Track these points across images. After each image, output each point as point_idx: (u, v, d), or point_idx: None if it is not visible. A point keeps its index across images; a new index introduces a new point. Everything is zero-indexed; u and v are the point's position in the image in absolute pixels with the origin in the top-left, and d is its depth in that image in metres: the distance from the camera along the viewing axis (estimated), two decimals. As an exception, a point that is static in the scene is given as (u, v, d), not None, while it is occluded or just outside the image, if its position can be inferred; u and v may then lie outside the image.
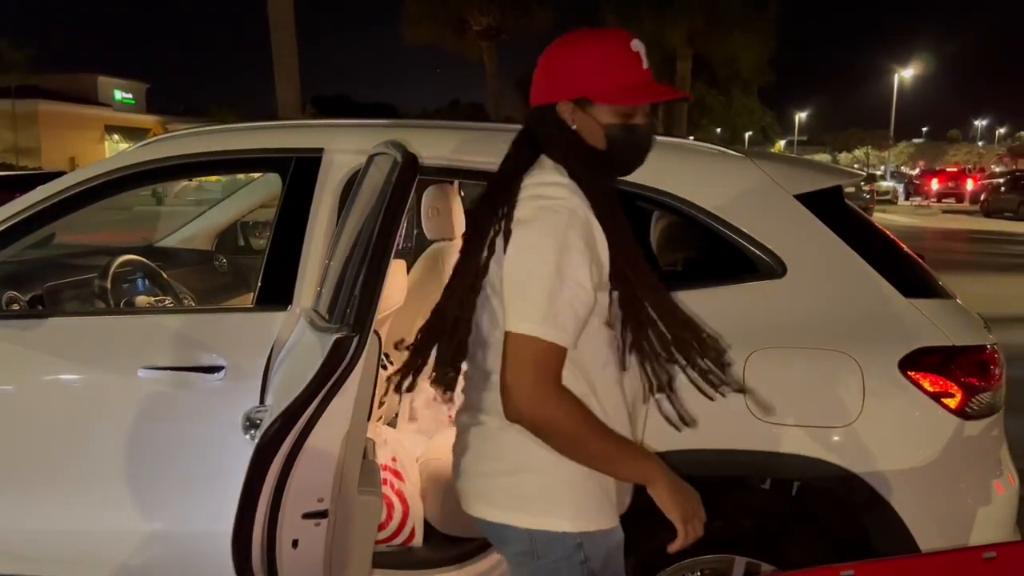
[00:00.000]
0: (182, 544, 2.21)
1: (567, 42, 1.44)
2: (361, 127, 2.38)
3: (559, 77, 1.43)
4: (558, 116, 1.43)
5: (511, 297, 1.35)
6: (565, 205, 1.36)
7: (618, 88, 1.41)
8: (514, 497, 1.47)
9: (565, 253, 1.32)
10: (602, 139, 1.43)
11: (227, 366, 2.14)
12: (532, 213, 1.37)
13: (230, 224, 3.90)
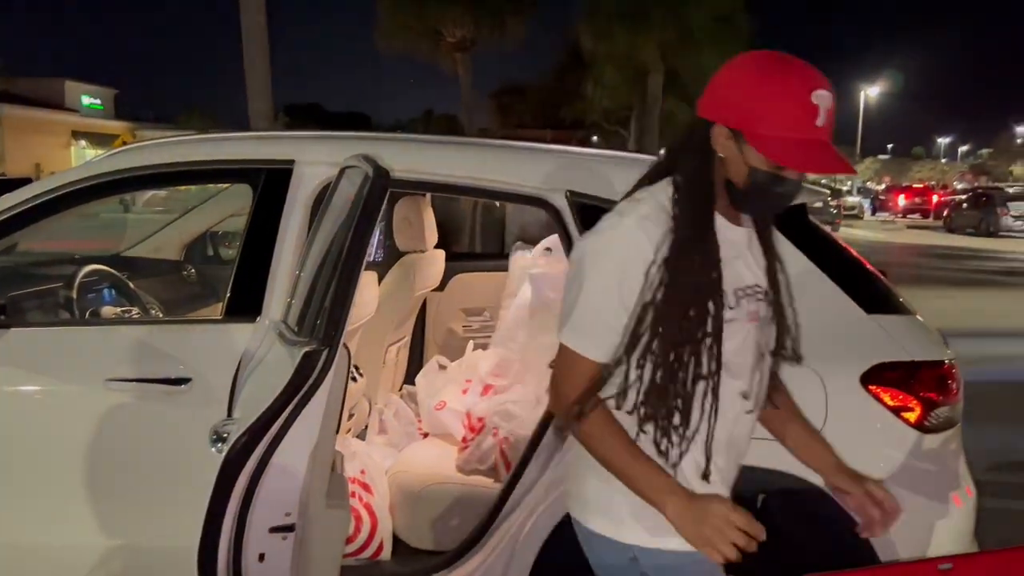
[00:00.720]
0: (146, 559, 2.18)
1: (751, 66, 1.33)
2: (332, 139, 2.38)
3: (728, 100, 1.33)
4: (709, 136, 1.35)
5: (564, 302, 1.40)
6: (622, 221, 1.35)
7: (780, 141, 1.29)
8: (576, 497, 1.52)
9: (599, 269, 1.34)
10: (744, 178, 1.34)
11: (194, 378, 2.12)
12: (595, 227, 1.39)
13: (199, 234, 3.87)
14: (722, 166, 1.35)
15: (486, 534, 2.17)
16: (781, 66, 1.31)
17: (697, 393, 1.35)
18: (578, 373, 1.37)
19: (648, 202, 1.37)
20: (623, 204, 1.41)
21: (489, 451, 2.69)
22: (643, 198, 1.38)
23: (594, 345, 1.35)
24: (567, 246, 2.20)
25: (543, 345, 3.12)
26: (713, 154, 1.35)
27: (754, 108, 1.29)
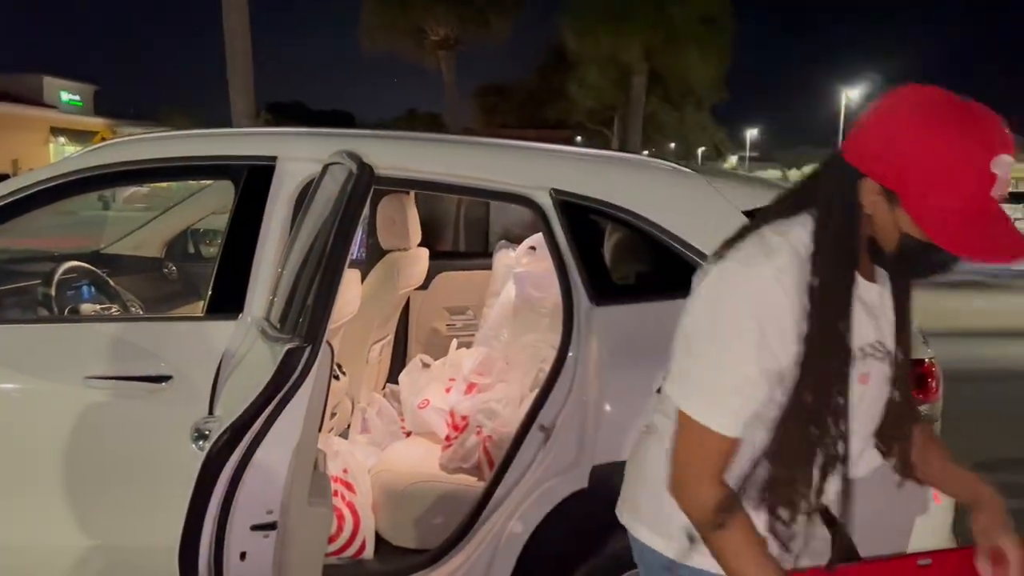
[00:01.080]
0: (128, 558, 2.16)
1: (920, 116, 1.09)
2: (316, 135, 2.37)
3: (885, 153, 1.10)
4: (857, 188, 1.14)
5: (679, 360, 1.22)
6: (760, 273, 1.15)
7: (945, 215, 1.08)
8: (628, 504, 1.46)
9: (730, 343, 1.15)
10: (893, 242, 1.16)
11: (175, 376, 2.11)
12: (723, 270, 1.19)
13: (180, 231, 3.84)
14: (868, 222, 1.16)
15: (469, 532, 2.17)
16: (959, 121, 1.08)
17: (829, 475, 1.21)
18: (710, 453, 1.18)
19: (784, 253, 1.16)
20: (754, 247, 1.19)
21: (472, 449, 2.69)
22: (778, 247, 1.17)
23: (731, 419, 1.17)
24: (551, 245, 2.20)
25: (526, 343, 3.13)
26: (860, 208, 1.15)
27: (917, 170, 1.08)
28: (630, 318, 2.10)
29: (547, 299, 3.18)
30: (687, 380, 1.20)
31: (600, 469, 2.02)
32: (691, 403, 1.19)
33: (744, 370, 1.15)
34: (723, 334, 1.16)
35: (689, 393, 1.19)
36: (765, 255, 1.17)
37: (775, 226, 1.22)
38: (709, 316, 1.18)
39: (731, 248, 1.22)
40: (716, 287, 1.18)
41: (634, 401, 2.03)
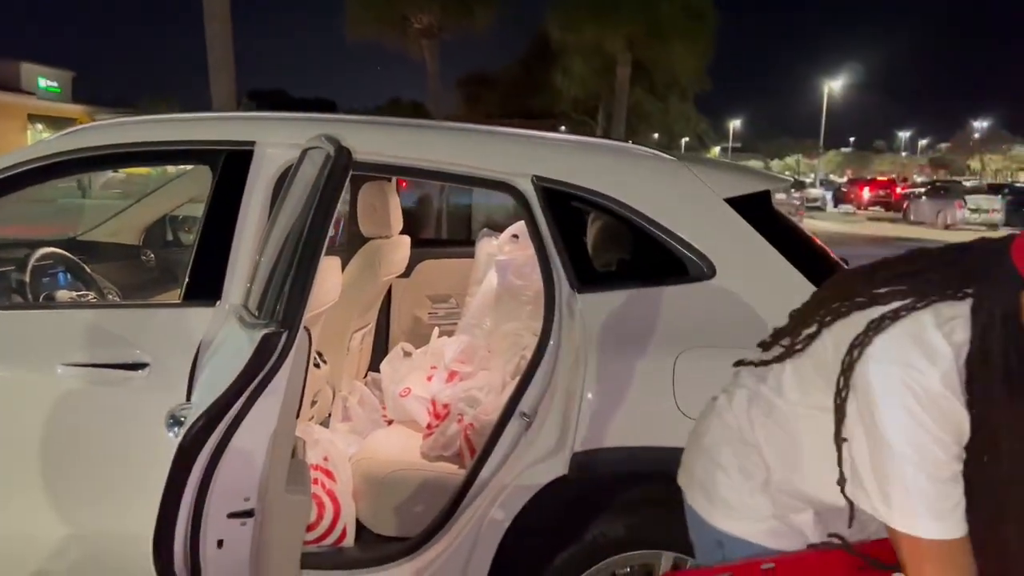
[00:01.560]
0: (102, 547, 2.13)
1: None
2: (295, 120, 2.34)
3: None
4: (1016, 300, 1.11)
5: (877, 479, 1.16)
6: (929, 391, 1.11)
7: None
8: (686, 470, 1.55)
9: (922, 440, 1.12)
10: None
11: (152, 363, 2.08)
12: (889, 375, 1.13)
13: (158, 218, 3.79)
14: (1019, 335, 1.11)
15: (450, 520, 2.16)
16: None
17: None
18: (957, 559, 1.13)
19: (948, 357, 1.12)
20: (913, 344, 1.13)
21: (454, 437, 2.68)
22: (943, 351, 1.12)
23: (957, 518, 1.13)
24: (533, 232, 2.19)
25: (508, 331, 3.12)
26: (1019, 320, 1.11)
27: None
28: (612, 305, 2.09)
29: (529, 287, 3.17)
30: (896, 492, 1.14)
31: (581, 456, 2.02)
32: (919, 523, 1.12)
33: (946, 470, 1.13)
34: (916, 441, 1.12)
35: (898, 505, 1.14)
36: (930, 360, 1.12)
37: (934, 314, 1.15)
38: (894, 424, 1.13)
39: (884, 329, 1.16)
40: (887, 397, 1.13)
41: (615, 388, 2.03)
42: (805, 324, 1.34)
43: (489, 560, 2.10)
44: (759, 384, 1.44)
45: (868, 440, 1.16)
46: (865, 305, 1.22)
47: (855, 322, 1.21)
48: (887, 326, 1.16)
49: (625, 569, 2.15)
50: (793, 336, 1.37)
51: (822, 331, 1.30)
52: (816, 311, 1.33)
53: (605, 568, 2.10)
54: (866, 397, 1.15)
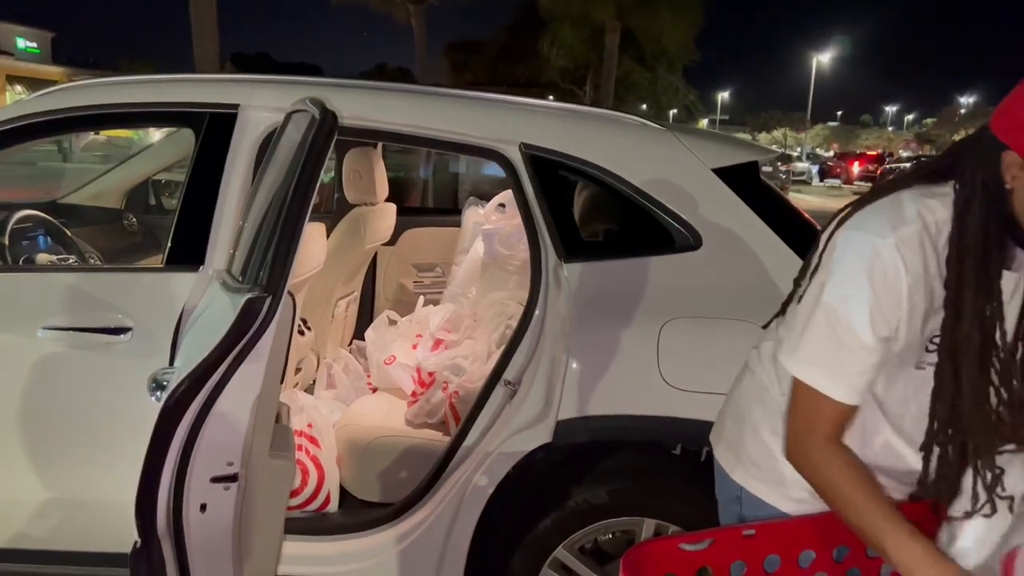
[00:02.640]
0: (84, 512, 2.14)
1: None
2: (280, 83, 2.30)
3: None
4: (998, 161, 1.15)
5: (796, 326, 1.25)
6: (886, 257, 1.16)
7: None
8: (717, 425, 1.57)
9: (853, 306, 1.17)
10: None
11: (134, 328, 2.07)
12: (847, 237, 1.20)
13: (141, 182, 3.74)
14: (1008, 197, 1.16)
15: (434, 486, 2.17)
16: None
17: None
18: (828, 419, 1.22)
19: (912, 226, 1.17)
20: (884, 213, 1.20)
21: (439, 405, 2.69)
22: (911, 219, 1.18)
23: (849, 387, 1.21)
24: (520, 200, 2.17)
25: (494, 300, 3.12)
26: (1002, 184, 1.16)
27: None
28: (598, 275, 2.09)
29: (515, 257, 3.17)
30: (805, 348, 1.23)
31: (565, 424, 2.03)
32: (810, 372, 1.22)
33: (861, 337, 1.18)
34: (842, 299, 1.18)
35: (806, 360, 1.23)
36: (891, 225, 1.18)
37: (916, 192, 1.22)
38: (829, 282, 1.20)
39: (864, 206, 1.24)
40: (839, 253, 1.20)
41: (600, 357, 2.03)
42: (808, 264, 1.36)
43: (472, 526, 2.12)
44: (780, 334, 1.42)
45: (808, 297, 1.24)
46: (856, 208, 1.27)
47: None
48: (868, 201, 1.24)
49: (607, 535, 2.18)
50: (798, 280, 1.38)
51: (821, 260, 1.31)
52: (816, 250, 1.35)
53: (587, 534, 2.13)
54: (827, 259, 1.23)
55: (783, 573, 1.29)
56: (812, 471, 1.24)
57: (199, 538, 1.53)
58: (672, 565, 1.23)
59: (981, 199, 1.17)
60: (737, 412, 1.49)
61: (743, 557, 1.27)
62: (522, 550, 2.12)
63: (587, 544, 2.17)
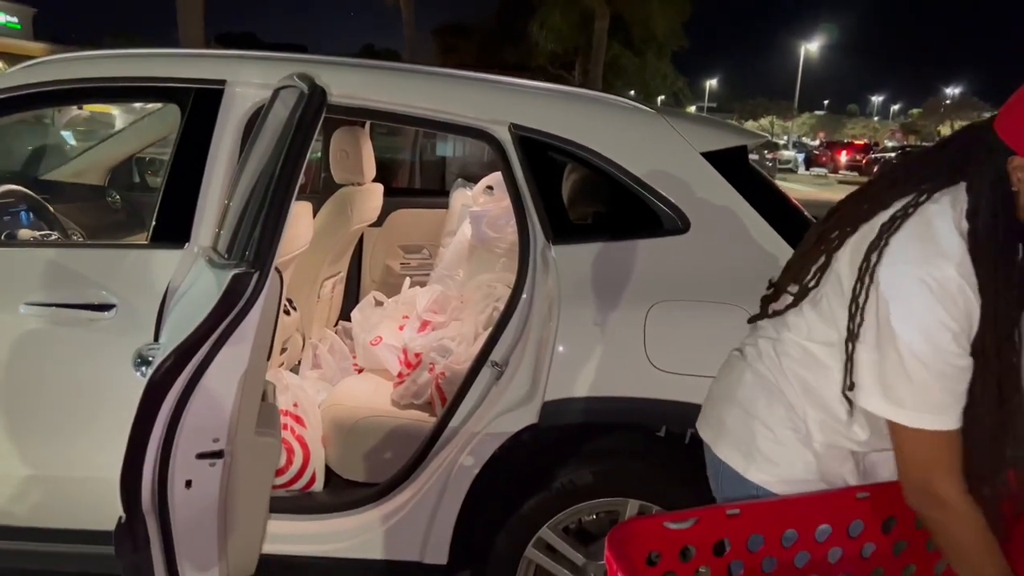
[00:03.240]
0: (68, 489, 2.12)
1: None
2: (267, 60, 2.27)
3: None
4: (1004, 166, 1.19)
5: (886, 378, 1.22)
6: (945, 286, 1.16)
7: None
8: (714, 424, 1.51)
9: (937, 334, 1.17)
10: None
11: (118, 304, 2.05)
12: (902, 274, 1.19)
13: (125, 159, 3.70)
14: (1015, 200, 1.20)
15: (420, 466, 2.18)
16: None
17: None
18: (950, 450, 1.21)
19: (958, 248, 1.18)
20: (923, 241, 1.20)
21: (425, 386, 2.69)
22: (951, 244, 1.18)
23: (955, 412, 1.20)
24: (509, 181, 2.17)
25: (481, 282, 3.12)
26: (1009, 187, 1.19)
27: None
28: (586, 257, 2.09)
29: (503, 239, 3.16)
30: (907, 396, 1.20)
31: (551, 405, 2.04)
32: (918, 416, 1.20)
33: (958, 363, 1.19)
34: (926, 337, 1.17)
35: (912, 407, 1.20)
36: (942, 255, 1.18)
37: (941, 206, 1.22)
38: (909, 323, 1.18)
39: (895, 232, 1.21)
40: (901, 292, 1.18)
41: (587, 339, 2.03)
42: (812, 261, 1.36)
43: (458, 506, 2.13)
44: (782, 332, 1.43)
45: (882, 341, 1.21)
46: (870, 214, 1.28)
47: (865, 234, 1.27)
48: (899, 225, 1.22)
49: (591, 516, 2.19)
50: (801, 278, 1.38)
51: (832, 259, 1.33)
52: (819, 246, 1.36)
53: (572, 514, 2.14)
54: (884, 298, 1.20)
55: (767, 552, 1.30)
56: (940, 510, 1.21)
57: (184, 514, 1.53)
58: (657, 543, 1.24)
59: (989, 200, 1.19)
60: (743, 409, 1.45)
61: (727, 536, 1.29)
62: (507, 530, 2.13)
63: (571, 524, 2.19)
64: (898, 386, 1.20)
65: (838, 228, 1.34)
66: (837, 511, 1.33)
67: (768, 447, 1.40)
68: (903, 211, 1.23)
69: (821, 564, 1.33)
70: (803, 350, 1.38)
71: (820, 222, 1.43)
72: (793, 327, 1.41)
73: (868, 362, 1.24)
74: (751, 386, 1.45)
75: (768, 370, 1.43)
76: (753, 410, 1.43)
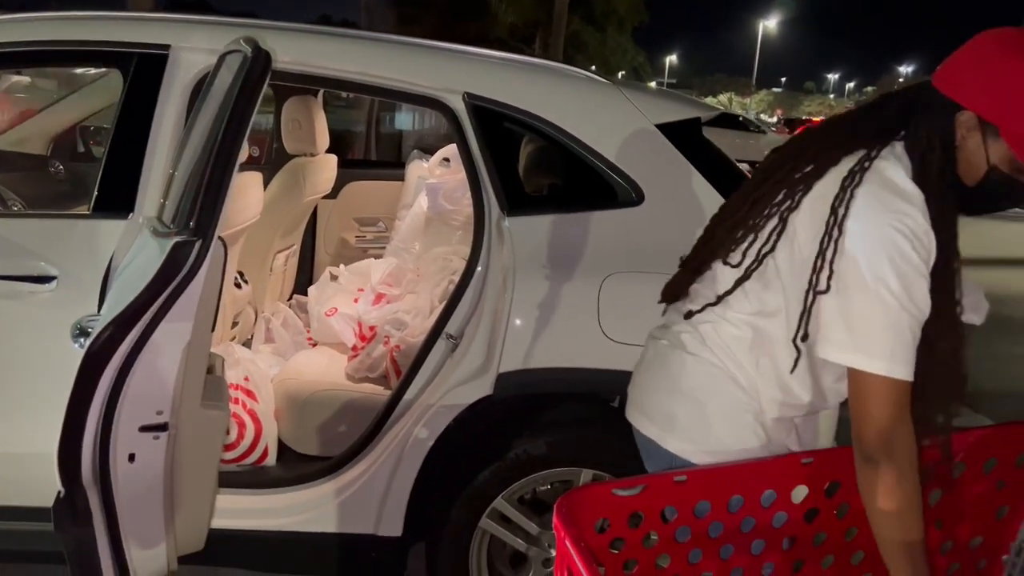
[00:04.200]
0: (7, 466, 2.07)
1: (1019, 51, 1.19)
2: (214, 24, 2.21)
3: (991, 85, 1.19)
4: (952, 123, 1.22)
5: (856, 328, 1.20)
6: (916, 231, 1.19)
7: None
8: (637, 406, 1.49)
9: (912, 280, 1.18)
10: (977, 176, 1.24)
11: (60, 276, 1.99)
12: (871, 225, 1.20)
13: (68, 128, 3.58)
14: (954, 157, 1.23)
15: (374, 439, 2.16)
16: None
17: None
18: (904, 399, 1.21)
19: (918, 195, 1.22)
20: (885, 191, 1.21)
21: (380, 359, 2.67)
22: (911, 190, 1.21)
23: (911, 364, 1.21)
24: (464, 152, 2.14)
25: (437, 255, 3.09)
26: (952, 143, 1.22)
27: (1021, 102, 1.17)
28: (541, 229, 2.08)
29: (459, 212, 3.13)
30: (877, 344, 1.19)
31: (506, 377, 2.03)
32: (891, 365, 1.19)
33: (925, 309, 1.20)
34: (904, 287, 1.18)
35: (885, 356, 1.19)
36: (905, 199, 1.21)
37: (889, 162, 1.24)
38: (885, 270, 1.18)
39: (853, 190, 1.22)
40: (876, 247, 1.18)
41: (541, 311, 2.03)
42: (757, 228, 1.35)
43: (412, 478, 2.12)
44: (726, 312, 1.39)
45: (855, 291, 1.20)
46: (821, 172, 1.29)
47: (821, 192, 1.28)
48: (860, 179, 1.23)
49: (546, 485, 2.20)
50: (747, 247, 1.36)
51: (787, 221, 1.31)
52: (761, 210, 1.35)
53: (527, 484, 2.15)
54: (856, 249, 1.20)
55: (713, 518, 1.32)
56: (895, 460, 1.21)
57: (128, 489, 1.49)
58: (606, 510, 1.25)
59: (938, 156, 1.22)
60: (695, 401, 1.40)
61: (674, 502, 1.30)
62: (462, 501, 2.13)
63: (526, 495, 2.20)
64: (871, 335, 1.20)
65: (786, 188, 1.33)
66: (782, 477, 1.35)
67: (725, 433, 1.38)
68: (859, 165, 1.25)
69: (766, 529, 1.36)
70: (752, 328, 1.36)
71: (750, 188, 1.41)
72: (736, 305, 1.38)
73: (837, 314, 1.23)
74: (700, 375, 1.40)
75: (716, 356, 1.39)
76: (706, 399, 1.39)
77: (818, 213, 1.26)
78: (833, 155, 1.29)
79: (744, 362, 1.37)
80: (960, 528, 1.50)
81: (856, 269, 1.20)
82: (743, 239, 1.38)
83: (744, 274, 1.36)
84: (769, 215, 1.34)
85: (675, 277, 1.52)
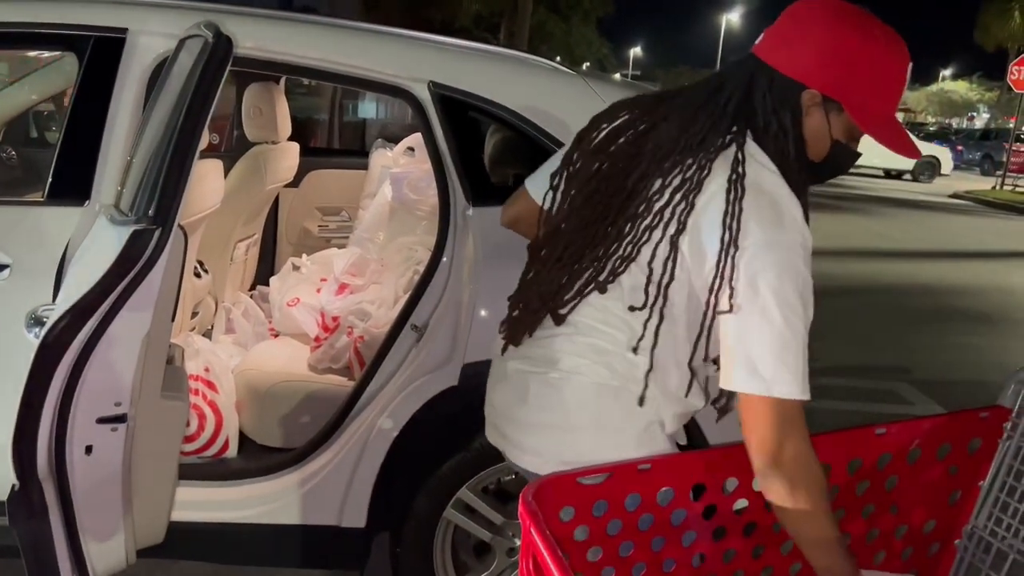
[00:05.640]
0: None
1: (862, 30, 1.19)
2: (173, 8, 2.16)
3: (832, 62, 1.19)
4: (798, 101, 1.21)
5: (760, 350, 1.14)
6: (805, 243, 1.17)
7: (880, 115, 1.22)
8: (555, 454, 1.35)
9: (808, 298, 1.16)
10: (823, 151, 1.26)
11: (12, 265, 1.94)
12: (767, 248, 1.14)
13: (20, 113, 3.48)
14: (800, 134, 1.24)
15: (338, 430, 2.15)
16: (883, 31, 1.21)
17: None
18: (799, 418, 1.17)
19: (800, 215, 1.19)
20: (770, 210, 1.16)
21: (343, 350, 2.65)
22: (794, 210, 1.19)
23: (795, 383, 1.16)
24: (429, 141, 2.13)
25: (402, 245, 3.07)
26: (800, 120, 1.22)
27: (863, 79, 1.19)
28: (506, 219, 2.07)
29: (424, 202, 3.11)
30: (781, 369, 1.14)
31: (471, 367, 2.03)
32: (791, 389, 1.14)
33: (811, 317, 1.17)
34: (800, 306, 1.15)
35: (787, 380, 1.14)
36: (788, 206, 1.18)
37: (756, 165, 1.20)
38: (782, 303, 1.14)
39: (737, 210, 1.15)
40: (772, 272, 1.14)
41: (506, 302, 2.03)
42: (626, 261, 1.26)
43: (376, 469, 2.11)
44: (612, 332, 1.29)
45: (756, 315, 1.14)
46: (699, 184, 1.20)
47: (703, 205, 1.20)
48: (741, 194, 1.17)
49: (510, 476, 2.21)
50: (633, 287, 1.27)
51: (676, 245, 1.21)
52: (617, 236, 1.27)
53: (491, 474, 2.15)
54: (754, 269, 1.14)
55: (676, 505, 1.34)
56: (791, 468, 1.17)
57: (85, 481, 1.46)
58: (570, 498, 1.26)
59: (793, 140, 1.22)
60: (594, 429, 1.32)
61: (638, 490, 1.31)
62: (426, 491, 2.13)
63: (490, 484, 2.20)
64: (768, 359, 1.14)
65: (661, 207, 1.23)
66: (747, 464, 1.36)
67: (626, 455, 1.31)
68: (734, 172, 1.18)
69: (728, 516, 1.38)
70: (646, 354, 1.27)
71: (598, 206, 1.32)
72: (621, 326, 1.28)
73: (739, 337, 1.17)
74: (592, 405, 1.32)
75: (608, 374, 1.30)
76: (607, 422, 1.32)
77: (698, 230, 1.20)
78: (700, 160, 1.21)
79: (640, 375, 1.29)
80: (915, 513, 1.54)
81: (754, 290, 1.14)
82: (622, 269, 1.27)
83: (656, 316, 1.25)
84: (650, 239, 1.24)
85: (520, 316, 1.45)
